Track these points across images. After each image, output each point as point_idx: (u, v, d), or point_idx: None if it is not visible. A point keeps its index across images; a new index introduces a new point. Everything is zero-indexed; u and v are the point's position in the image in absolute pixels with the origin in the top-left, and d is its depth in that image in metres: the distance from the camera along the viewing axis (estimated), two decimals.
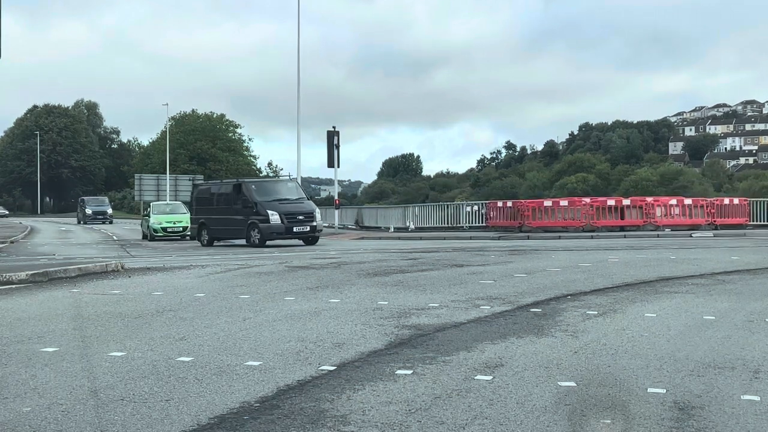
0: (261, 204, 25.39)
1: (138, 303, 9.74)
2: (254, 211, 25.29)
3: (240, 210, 25.78)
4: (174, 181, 75.77)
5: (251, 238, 25.15)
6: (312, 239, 25.86)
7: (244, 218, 25.50)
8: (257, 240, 24.90)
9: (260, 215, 25.12)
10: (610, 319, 8.10)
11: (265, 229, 24.87)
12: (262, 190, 26.46)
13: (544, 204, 30.99)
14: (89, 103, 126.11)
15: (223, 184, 28.55)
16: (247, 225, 25.36)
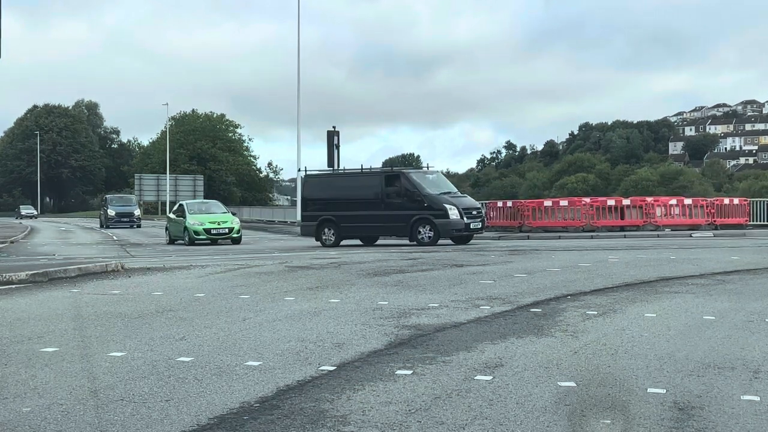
0: (434, 197, 22.85)
1: (138, 303, 9.74)
2: (424, 206, 22.65)
3: (401, 204, 22.97)
4: (174, 181, 75.88)
5: (419, 235, 22.58)
6: (468, 238, 23.34)
7: (406, 213, 22.76)
8: (428, 238, 22.40)
9: (434, 210, 22.53)
10: (610, 319, 8.10)
11: (443, 226, 22.37)
12: (426, 181, 23.65)
13: (544, 204, 30.98)
14: (89, 103, 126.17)
15: (363, 174, 24.80)
16: (413, 221, 22.64)
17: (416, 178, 23.52)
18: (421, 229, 22.61)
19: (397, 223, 23.05)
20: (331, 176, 26.58)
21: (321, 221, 24.30)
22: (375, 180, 23.89)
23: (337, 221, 23.98)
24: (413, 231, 22.70)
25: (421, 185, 23.12)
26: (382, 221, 23.40)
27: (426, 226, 22.56)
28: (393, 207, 23.11)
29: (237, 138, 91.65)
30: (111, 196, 54.44)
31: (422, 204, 22.73)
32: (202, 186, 77.23)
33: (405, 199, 23.04)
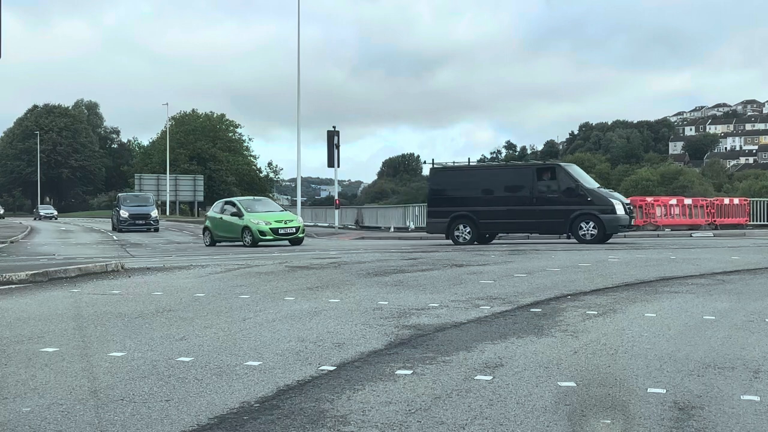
0: (598, 192, 22.00)
1: (138, 303, 9.74)
2: (587, 200, 21.63)
3: (557, 199, 21.86)
4: (174, 181, 75.88)
5: (581, 231, 21.51)
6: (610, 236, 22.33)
7: (565, 209, 21.66)
8: (590, 235, 21.35)
9: (599, 205, 21.55)
10: (610, 319, 8.10)
11: (610, 222, 21.40)
12: (581, 175, 22.68)
13: None
14: (89, 103, 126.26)
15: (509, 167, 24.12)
16: (573, 217, 21.55)
17: (574, 171, 22.44)
18: (584, 225, 21.57)
19: (552, 219, 21.87)
20: (467, 169, 24.52)
21: (454, 218, 22.84)
22: (524, 173, 22.71)
23: (475, 217, 22.64)
24: (573, 227, 21.65)
25: (581, 179, 22.19)
26: (533, 217, 22.12)
27: (589, 222, 21.51)
28: (547, 202, 21.95)
29: (237, 138, 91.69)
30: (124, 194, 46.42)
31: (585, 199, 21.69)
32: (202, 186, 77.28)
33: (562, 194, 21.89)
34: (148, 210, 41.83)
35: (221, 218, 26.75)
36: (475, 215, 22.55)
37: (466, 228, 22.67)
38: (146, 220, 40.75)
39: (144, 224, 40.29)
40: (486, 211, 22.45)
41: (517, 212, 22.22)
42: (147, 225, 40.39)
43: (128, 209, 40.97)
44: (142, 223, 40.51)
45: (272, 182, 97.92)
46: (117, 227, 40.80)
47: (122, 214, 40.54)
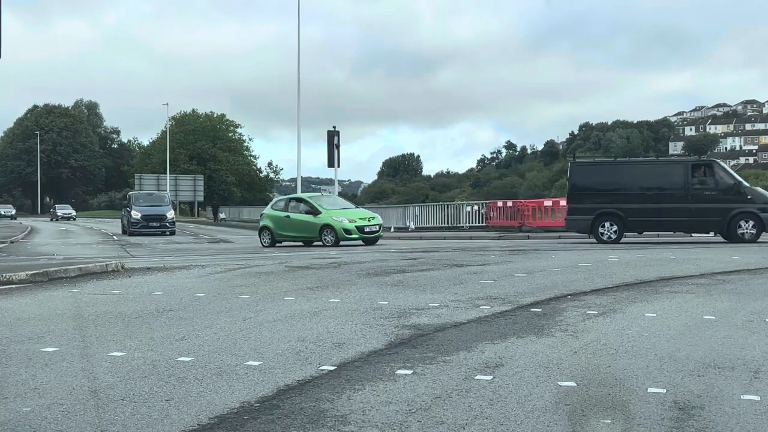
0: (756, 190, 21.52)
1: (138, 303, 9.74)
2: (747, 198, 21.13)
3: (714, 197, 21.26)
4: (174, 181, 75.85)
5: (740, 230, 21.09)
6: None
7: (722, 207, 21.15)
8: (749, 235, 20.97)
9: (758, 203, 21.07)
10: (610, 319, 8.10)
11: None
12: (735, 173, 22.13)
13: (544, 204, 31.03)
14: (89, 103, 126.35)
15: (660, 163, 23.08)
16: (732, 216, 21.02)
17: (729, 168, 22.00)
18: (743, 223, 21.05)
19: (709, 217, 21.28)
20: (614, 164, 23.63)
21: (599, 215, 22.03)
22: (677, 169, 21.98)
23: (622, 215, 21.89)
24: (731, 226, 21.11)
25: (735, 176, 21.65)
26: (687, 215, 21.47)
27: (749, 221, 21.02)
28: (703, 199, 21.29)
29: (237, 138, 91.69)
30: (136, 192, 41.67)
31: (744, 197, 21.15)
32: (202, 186, 77.26)
33: (719, 192, 21.30)
34: (163, 210, 37.03)
35: (287, 217, 25.12)
36: (623, 212, 21.86)
37: (612, 226, 22.01)
38: (161, 221, 36.20)
39: (159, 227, 36.13)
40: (635, 208, 21.77)
41: (669, 210, 21.58)
42: (162, 228, 36.17)
43: (141, 209, 36.41)
44: (157, 225, 36.14)
45: (272, 182, 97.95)
46: (128, 230, 36.43)
47: (134, 215, 36.06)
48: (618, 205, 21.92)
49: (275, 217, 25.43)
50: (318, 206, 24.55)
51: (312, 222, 24.32)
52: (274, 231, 25.19)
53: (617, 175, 22.59)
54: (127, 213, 37.17)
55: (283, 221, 25.14)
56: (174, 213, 39.42)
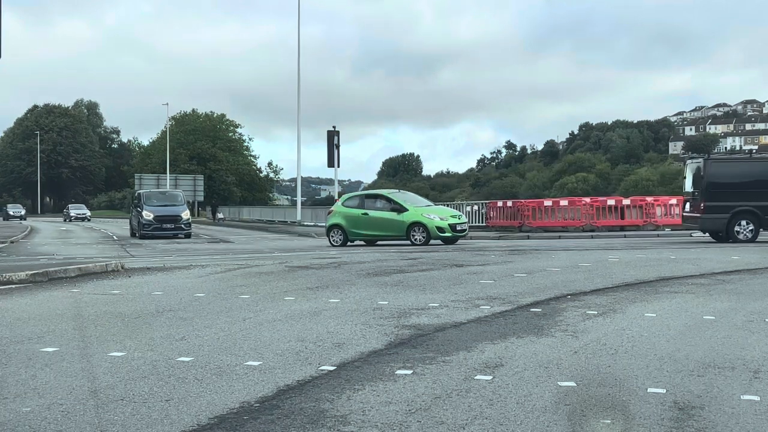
0: None
1: (138, 303, 9.74)
2: None
3: None
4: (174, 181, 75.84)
5: None
6: None
7: None
8: None
9: None
10: (610, 319, 8.10)
11: None
12: None
13: (544, 204, 31.00)
14: (89, 103, 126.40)
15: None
16: None
17: None
18: None
19: None
20: (751, 161, 22.96)
21: (735, 213, 21.42)
22: None
23: (760, 213, 21.33)
24: None
25: None
26: None
27: None
28: None
29: (237, 138, 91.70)
30: (147, 191, 37.19)
31: None
32: (203, 186, 77.23)
33: None
34: (177, 211, 33.42)
35: (365, 214, 23.83)
36: (760, 210, 21.30)
37: (748, 225, 21.49)
38: (176, 223, 32.70)
39: (173, 228, 32.53)
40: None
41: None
42: (176, 230, 32.63)
43: (153, 210, 32.78)
44: (171, 227, 32.58)
45: (272, 182, 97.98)
46: (138, 232, 33.00)
47: (145, 215, 32.41)
48: (755, 203, 21.39)
49: (349, 215, 24.13)
50: (403, 203, 23.68)
51: (397, 220, 23.37)
52: (347, 229, 23.99)
53: (755, 172, 21.95)
54: (137, 213, 33.51)
55: (359, 219, 23.94)
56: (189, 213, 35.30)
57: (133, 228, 34.50)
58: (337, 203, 25.60)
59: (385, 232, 23.71)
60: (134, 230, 34.02)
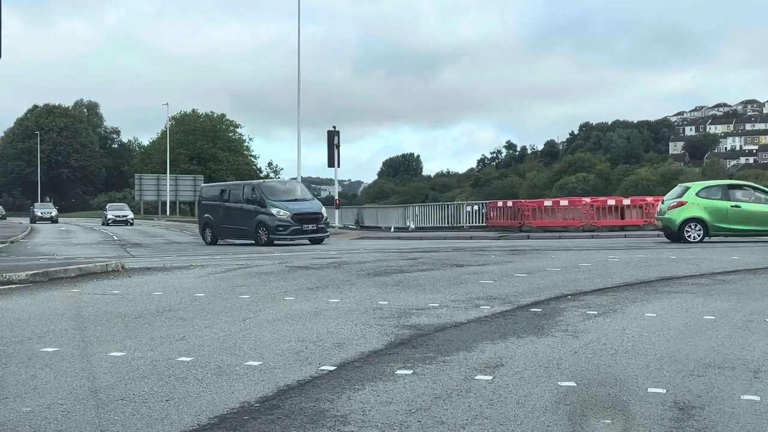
0: None
1: (138, 303, 9.74)
2: None
3: None
4: (174, 181, 75.87)
5: None
6: None
7: None
8: None
9: None
10: (610, 319, 8.10)
11: None
12: None
13: (544, 204, 31.00)
14: (89, 103, 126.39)
15: None
16: None
17: None
18: None
19: None
20: None
21: None
22: None
23: None
24: None
25: None
26: None
27: None
28: None
29: (237, 138, 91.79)
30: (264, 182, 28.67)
31: None
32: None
33: None
34: (315, 207, 26.37)
35: (736, 207, 21.89)
36: None
37: None
38: (317, 222, 25.75)
39: (314, 230, 25.71)
40: None
41: None
42: (318, 231, 25.85)
43: (286, 206, 25.48)
44: (313, 227, 25.56)
45: None
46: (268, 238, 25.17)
47: (279, 214, 25.17)
48: None
49: (712, 208, 22.05)
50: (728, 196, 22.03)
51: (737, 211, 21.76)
52: (709, 223, 21.92)
53: None
54: (263, 212, 25.49)
55: (727, 212, 21.97)
56: None
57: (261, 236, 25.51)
58: (688, 193, 22.69)
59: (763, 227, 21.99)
60: (261, 238, 25.48)
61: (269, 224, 25.31)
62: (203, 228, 28.24)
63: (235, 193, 27.13)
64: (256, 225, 25.70)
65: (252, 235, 25.89)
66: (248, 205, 26.24)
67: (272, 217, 25.37)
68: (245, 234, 26.44)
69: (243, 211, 26.36)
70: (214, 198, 28.21)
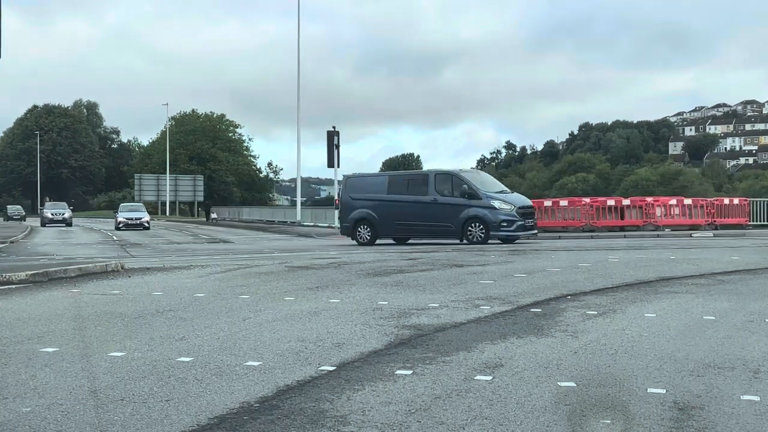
0: None
1: (138, 303, 9.74)
2: None
3: None
4: (174, 181, 75.87)
5: None
6: None
7: None
8: None
9: None
10: (610, 319, 8.10)
11: None
12: None
13: (544, 204, 31.00)
14: (89, 103, 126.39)
15: None
16: None
17: None
18: None
19: None
20: None
21: None
22: None
23: None
24: None
25: None
26: None
27: None
28: None
29: (237, 138, 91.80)
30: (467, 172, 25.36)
31: None
32: (202, 186, 77.26)
33: None
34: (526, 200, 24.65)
35: None
36: None
37: None
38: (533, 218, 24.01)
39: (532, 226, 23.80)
40: None
41: None
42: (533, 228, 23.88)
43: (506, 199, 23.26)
44: (531, 224, 23.55)
45: (272, 182, 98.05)
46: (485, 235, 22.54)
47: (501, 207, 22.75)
48: None
49: None
50: None
51: None
52: None
53: None
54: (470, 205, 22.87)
55: None
56: None
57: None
58: None
59: None
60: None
61: (490, 220, 22.51)
62: (355, 226, 24.54)
63: (417, 185, 23.97)
64: (464, 221, 22.75)
65: (455, 232, 22.99)
66: (447, 197, 23.27)
67: (494, 211, 22.57)
68: (443, 232, 23.43)
69: (439, 205, 23.30)
70: (374, 191, 24.67)
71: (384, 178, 25.89)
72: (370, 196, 24.62)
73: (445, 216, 23.07)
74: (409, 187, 24.16)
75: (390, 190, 24.38)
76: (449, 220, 22.99)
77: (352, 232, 24.73)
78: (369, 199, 24.53)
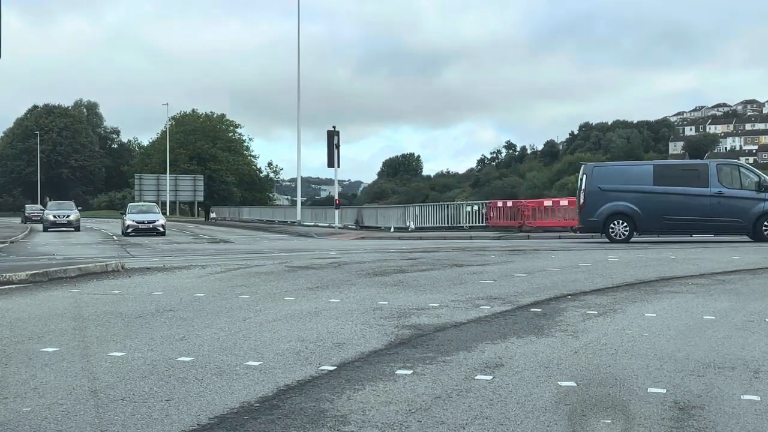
0: None
1: (138, 303, 9.74)
2: None
3: None
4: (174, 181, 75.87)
5: None
6: None
7: None
8: None
9: None
10: (610, 319, 8.10)
11: None
12: None
13: (544, 204, 31.02)
14: (89, 103, 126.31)
15: None
16: None
17: None
18: None
19: None
20: None
21: None
22: None
23: None
24: None
25: None
26: None
27: None
28: None
29: (237, 138, 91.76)
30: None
31: None
32: (202, 186, 77.27)
33: None
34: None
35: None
36: None
37: None
38: None
39: None
40: None
41: None
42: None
43: None
44: None
45: (272, 182, 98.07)
46: None
47: None
48: None
49: None
50: None
51: None
52: None
53: None
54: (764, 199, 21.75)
55: None
56: None
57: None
58: None
59: None
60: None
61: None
62: (607, 221, 22.35)
63: (693, 176, 22.20)
64: (757, 216, 21.36)
65: (745, 228, 21.70)
66: (734, 190, 21.70)
67: None
68: (728, 228, 21.98)
69: (724, 198, 21.63)
70: (634, 181, 22.50)
71: (648, 167, 23.21)
72: (629, 187, 22.35)
73: (732, 211, 21.47)
74: (683, 178, 22.26)
75: (657, 182, 22.19)
76: (738, 215, 21.47)
77: (603, 227, 22.46)
78: (628, 190, 22.30)
